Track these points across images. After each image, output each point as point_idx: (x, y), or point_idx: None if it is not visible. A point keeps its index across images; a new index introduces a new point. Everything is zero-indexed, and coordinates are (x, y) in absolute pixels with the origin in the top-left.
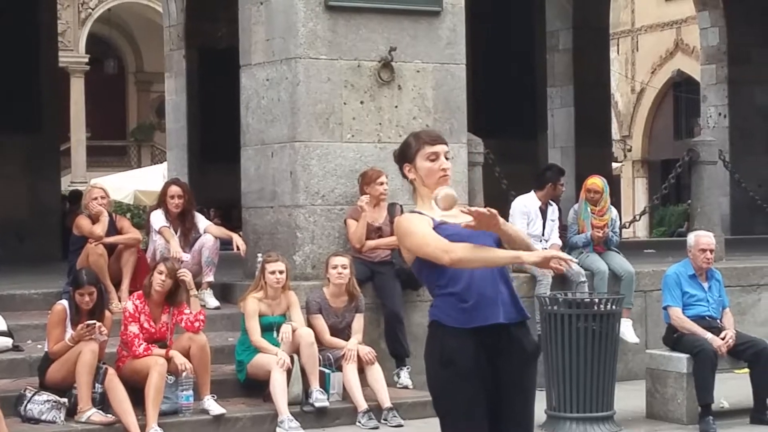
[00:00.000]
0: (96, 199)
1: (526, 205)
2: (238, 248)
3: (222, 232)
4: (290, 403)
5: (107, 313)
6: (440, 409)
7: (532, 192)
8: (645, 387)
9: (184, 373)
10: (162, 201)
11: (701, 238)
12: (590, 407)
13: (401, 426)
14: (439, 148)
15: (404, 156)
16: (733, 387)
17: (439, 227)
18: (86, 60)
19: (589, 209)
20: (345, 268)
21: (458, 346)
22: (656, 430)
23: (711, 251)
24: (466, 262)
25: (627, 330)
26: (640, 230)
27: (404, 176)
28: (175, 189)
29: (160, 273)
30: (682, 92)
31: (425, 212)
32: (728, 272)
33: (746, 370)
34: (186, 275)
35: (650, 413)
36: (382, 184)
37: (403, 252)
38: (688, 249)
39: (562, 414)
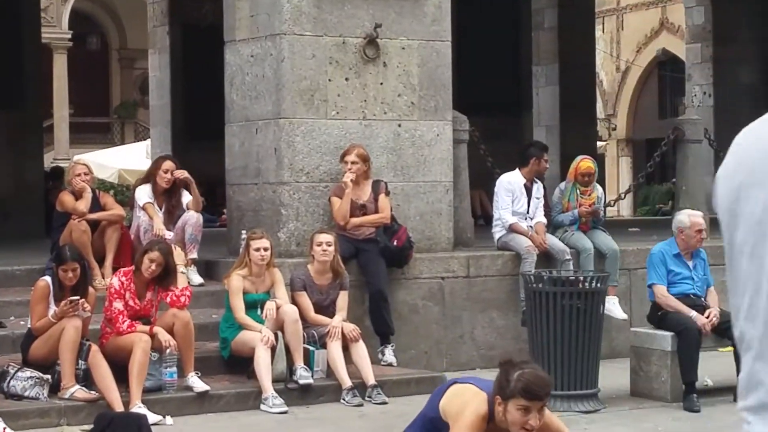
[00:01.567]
0: (79, 175)
1: (510, 182)
2: (185, 178)
3: (195, 199)
4: (274, 381)
5: (90, 289)
6: None
7: (517, 170)
8: (629, 365)
9: (168, 350)
10: (152, 175)
11: (696, 218)
12: (575, 385)
13: (385, 403)
14: (534, 404)
15: (501, 388)
16: (717, 365)
17: None
18: (69, 36)
19: (577, 190)
20: (330, 245)
21: None
22: (640, 407)
23: (704, 230)
24: None
25: (614, 307)
26: (625, 209)
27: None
28: (169, 164)
29: (151, 261)
30: (667, 71)
31: None
32: (713, 251)
33: (730, 348)
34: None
35: (634, 391)
36: (346, 163)
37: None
38: (681, 229)
39: None
